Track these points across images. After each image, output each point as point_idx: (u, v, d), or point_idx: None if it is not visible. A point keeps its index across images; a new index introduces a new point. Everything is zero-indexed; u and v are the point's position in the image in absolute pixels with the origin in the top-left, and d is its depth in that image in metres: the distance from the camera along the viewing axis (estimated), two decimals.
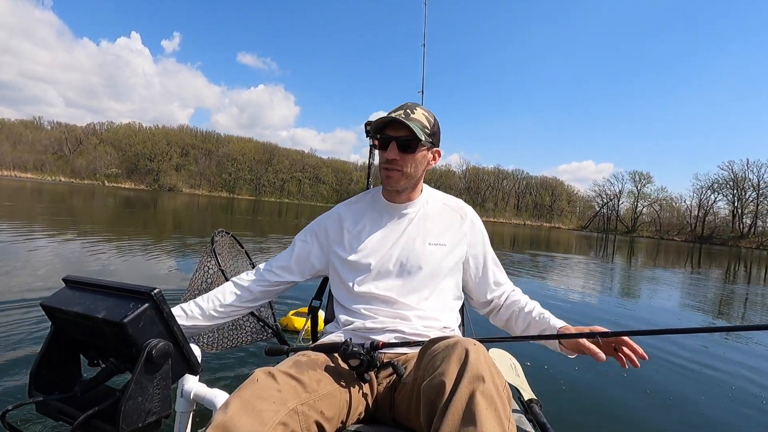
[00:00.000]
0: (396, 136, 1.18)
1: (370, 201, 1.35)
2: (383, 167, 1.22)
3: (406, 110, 1.19)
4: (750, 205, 69.19)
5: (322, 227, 1.33)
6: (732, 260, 23.42)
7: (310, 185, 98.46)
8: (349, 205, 1.37)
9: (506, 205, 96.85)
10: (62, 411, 0.72)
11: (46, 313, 0.75)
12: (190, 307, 1.20)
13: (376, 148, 1.25)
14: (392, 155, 1.18)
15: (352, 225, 1.30)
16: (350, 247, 1.26)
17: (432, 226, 1.27)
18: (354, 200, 1.39)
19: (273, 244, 9.56)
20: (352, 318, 1.21)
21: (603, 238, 49.08)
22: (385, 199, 1.32)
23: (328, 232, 1.31)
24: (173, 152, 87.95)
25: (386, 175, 1.23)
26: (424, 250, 1.23)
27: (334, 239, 1.30)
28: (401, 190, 1.27)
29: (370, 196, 1.37)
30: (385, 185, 1.26)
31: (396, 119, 1.15)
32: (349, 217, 1.32)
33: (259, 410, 0.79)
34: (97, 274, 4.93)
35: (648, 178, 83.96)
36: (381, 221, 1.29)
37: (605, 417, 2.45)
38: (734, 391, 3.00)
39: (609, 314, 5.44)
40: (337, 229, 1.31)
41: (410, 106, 1.20)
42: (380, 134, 1.21)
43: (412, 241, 1.25)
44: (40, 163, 79.11)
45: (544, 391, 1.74)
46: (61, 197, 23.15)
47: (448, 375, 0.79)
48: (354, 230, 1.29)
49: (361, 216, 1.31)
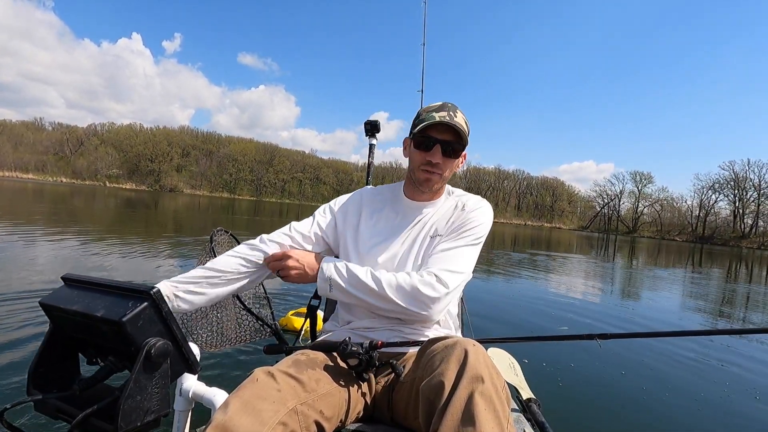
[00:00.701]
0: (442, 139, 1.15)
1: (390, 196, 1.33)
2: (423, 169, 1.19)
3: (450, 112, 1.14)
4: (751, 205, 69.05)
5: (342, 208, 1.32)
6: (733, 260, 23.38)
7: (310, 186, 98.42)
8: (373, 194, 1.35)
9: (507, 205, 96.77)
10: (61, 409, 0.72)
11: (45, 312, 0.75)
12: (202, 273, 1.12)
13: (415, 147, 1.19)
14: (437, 158, 1.16)
15: (368, 216, 1.29)
16: (359, 240, 1.25)
17: (443, 227, 1.24)
18: (377, 189, 1.37)
19: None
20: (352, 317, 1.21)
21: (604, 238, 49.04)
22: (406, 196, 1.29)
23: (347, 215, 1.30)
24: (174, 153, 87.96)
25: (426, 178, 1.20)
26: (429, 247, 1.21)
27: (350, 224, 1.28)
28: (432, 192, 1.25)
29: (392, 190, 1.35)
30: (423, 188, 1.23)
31: (443, 122, 1.12)
32: (368, 206, 1.31)
33: (258, 410, 0.79)
34: (96, 272, 4.93)
35: (649, 178, 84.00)
36: (396, 218, 1.27)
37: (603, 416, 2.45)
38: (734, 391, 3.00)
39: (609, 313, 5.43)
40: (355, 214, 1.30)
41: (452, 107, 1.17)
42: (422, 134, 1.17)
43: (423, 242, 1.22)
44: (41, 164, 79.17)
45: (542, 390, 1.74)
46: (62, 198, 23.17)
47: (447, 375, 0.79)
48: (368, 222, 1.27)
49: (379, 208, 1.30)
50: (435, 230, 1.23)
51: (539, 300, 5.82)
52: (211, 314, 1.76)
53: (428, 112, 1.16)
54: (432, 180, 1.20)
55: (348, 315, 1.23)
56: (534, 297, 6.03)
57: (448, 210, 1.27)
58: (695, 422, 2.48)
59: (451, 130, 1.14)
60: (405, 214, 1.27)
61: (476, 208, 1.24)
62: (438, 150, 1.16)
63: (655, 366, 3.36)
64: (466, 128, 1.17)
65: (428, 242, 1.22)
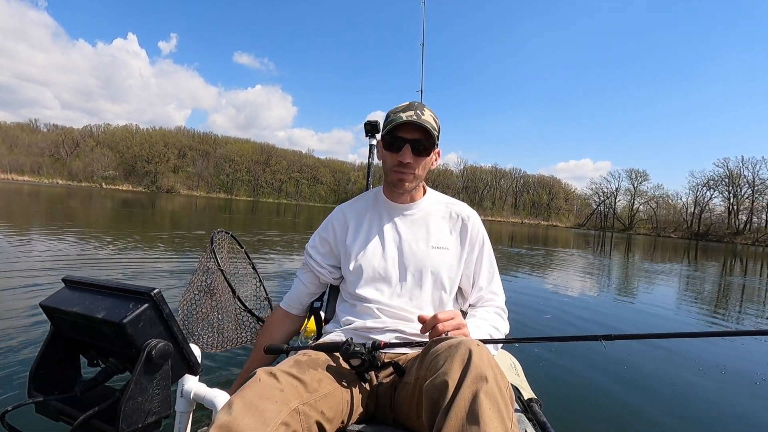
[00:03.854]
0: (410, 138, 1.16)
1: (372, 201, 1.35)
2: (395, 170, 1.20)
3: (416, 111, 1.16)
4: (745, 202, 69.50)
5: (329, 229, 1.34)
6: (728, 256, 23.50)
7: (308, 186, 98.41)
8: (351, 205, 1.37)
9: (504, 203, 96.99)
10: (62, 411, 0.71)
11: (46, 314, 0.75)
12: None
13: (385, 149, 1.21)
14: (407, 158, 1.16)
15: (355, 225, 1.31)
16: (353, 248, 1.27)
17: (435, 229, 1.27)
18: (355, 200, 1.39)
19: (273, 245, 9.55)
20: (354, 318, 1.21)
21: (600, 235, 49.19)
22: (388, 198, 1.31)
23: (336, 233, 1.32)
24: (170, 154, 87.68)
25: (399, 179, 1.21)
26: (428, 253, 1.24)
27: (341, 239, 1.31)
28: (408, 192, 1.27)
29: (372, 195, 1.37)
30: (398, 189, 1.24)
31: (410, 121, 1.13)
32: (353, 216, 1.33)
33: (261, 410, 0.79)
34: (96, 274, 4.91)
35: (644, 175, 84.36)
36: (382, 222, 1.29)
37: (604, 416, 2.46)
38: (734, 391, 3.01)
39: (610, 312, 5.45)
40: (341, 228, 1.32)
41: (418, 106, 1.18)
42: (391, 136, 1.18)
43: (415, 243, 1.25)
44: (36, 165, 78.70)
45: (543, 390, 1.74)
46: (59, 200, 23.06)
47: (452, 375, 0.79)
48: (356, 230, 1.30)
49: (363, 216, 1.32)
50: (437, 240, 1.25)
51: (539, 299, 5.83)
52: (212, 315, 1.76)
53: (396, 113, 1.17)
54: (405, 180, 1.21)
55: (349, 316, 1.23)
56: (534, 296, 6.03)
57: (442, 218, 1.30)
58: (698, 423, 2.49)
59: (419, 128, 1.15)
60: (391, 216, 1.30)
61: (476, 220, 1.32)
62: (408, 150, 1.16)
63: (659, 366, 3.35)
64: (435, 125, 1.17)
65: (423, 245, 1.24)
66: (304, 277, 1.38)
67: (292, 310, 1.39)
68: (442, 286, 1.24)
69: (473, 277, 1.30)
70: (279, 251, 8.58)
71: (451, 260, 1.25)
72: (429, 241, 1.25)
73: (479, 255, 1.30)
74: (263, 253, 7.92)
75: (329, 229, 1.34)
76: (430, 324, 1.01)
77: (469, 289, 1.31)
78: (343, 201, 1.43)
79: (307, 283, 1.37)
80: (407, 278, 1.22)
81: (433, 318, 1.00)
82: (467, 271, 1.29)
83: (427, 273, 1.22)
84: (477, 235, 1.31)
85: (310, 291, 1.38)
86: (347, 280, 1.27)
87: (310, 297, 1.40)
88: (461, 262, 1.27)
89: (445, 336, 0.97)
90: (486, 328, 1.19)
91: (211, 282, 1.71)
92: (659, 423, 2.41)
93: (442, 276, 1.23)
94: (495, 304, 1.30)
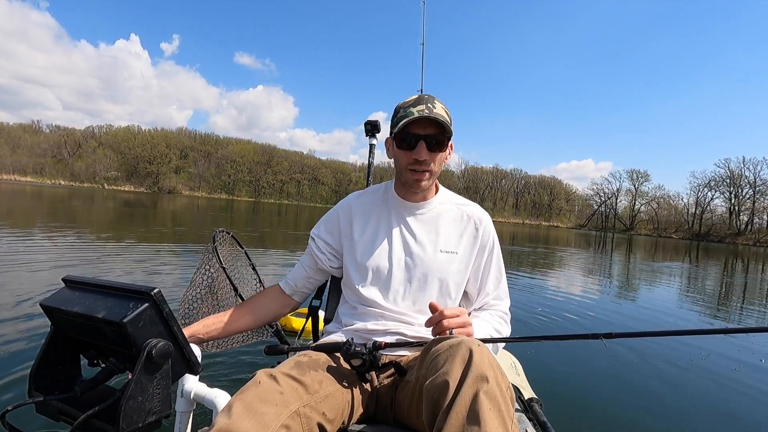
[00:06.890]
0: (425, 134, 1.10)
1: (382, 196, 1.31)
2: (411, 169, 1.14)
3: (428, 104, 1.09)
4: (747, 203, 69.32)
5: (334, 221, 1.31)
6: (729, 257, 23.44)
7: (309, 186, 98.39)
8: (359, 198, 1.33)
9: (505, 204, 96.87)
10: (62, 411, 0.71)
11: (46, 313, 0.75)
12: (216, 319, 1.28)
13: (398, 147, 1.15)
14: (423, 155, 1.11)
15: (361, 221, 1.27)
16: (358, 245, 1.24)
17: (444, 232, 1.23)
18: (364, 193, 1.35)
19: (273, 247, 9.55)
20: (354, 319, 1.20)
21: (601, 236, 49.10)
22: (398, 195, 1.27)
23: (340, 227, 1.29)
24: (172, 155, 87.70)
25: (416, 178, 1.15)
26: (435, 257, 1.20)
27: (345, 233, 1.28)
28: (423, 191, 1.22)
29: (382, 189, 1.32)
30: (414, 188, 1.19)
31: (423, 116, 1.07)
32: (360, 211, 1.29)
33: (261, 413, 0.79)
34: (97, 274, 4.92)
35: (645, 176, 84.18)
36: (391, 220, 1.25)
37: (605, 416, 2.45)
38: (742, 392, 3.00)
39: (612, 310, 5.44)
40: (346, 223, 1.29)
41: (428, 99, 1.11)
42: (403, 132, 1.11)
43: (423, 246, 1.21)
44: (39, 166, 78.84)
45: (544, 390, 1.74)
46: (62, 200, 23.10)
47: (452, 375, 0.78)
48: (362, 227, 1.26)
49: (370, 211, 1.28)
50: (445, 243, 1.22)
51: (540, 299, 5.82)
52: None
53: (406, 108, 1.11)
54: (421, 179, 1.15)
55: (350, 317, 1.22)
56: (534, 296, 6.03)
57: (453, 220, 1.25)
58: (700, 423, 2.48)
59: (433, 123, 1.09)
60: (400, 214, 1.25)
61: (488, 224, 1.29)
62: (422, 146, 1.10)
63: (660, 365, 3.35)
64: (447, 118, 1.11)
65: (431, 248, 1.20)
66: (304, 260, 1.35)
67: (286, 288, 1.35)
68: (448, 292, 1.21)
69: (481, 282, 1.26)
70: (279, 251, 8.58)
71: (458, 265, 1.21)
72: (437, 244, 1.21)
73: (488, 259, 1.26)
74: (263, 253, 7.92)
75: (335, 220, 1.31)
76: (435, 319, 0.99)
77: (475, 293, 1.27)
78: (355, 192, 1.39)
79: (306, 266, 1.34)
80: (412, 282, 1.19)
81: (439, 313, 0.98)
82: (475, 275, 1.26)
83: (433, 278, 1.19)
84: (488, 240, 1.27)
85: (308, 275, 1.34)
86: (349, 278, 1.24)
87: (305, 281, 1.35)
88: (469, 267, 1.24)
89: (448, 334, 0.96)
90: (488, 330, 1.17)
91: (213, 281, 1.71)
92: (660, 422, 2.40)
93: (449, 282, 1.20)
94: (499, 308, 1.27)
